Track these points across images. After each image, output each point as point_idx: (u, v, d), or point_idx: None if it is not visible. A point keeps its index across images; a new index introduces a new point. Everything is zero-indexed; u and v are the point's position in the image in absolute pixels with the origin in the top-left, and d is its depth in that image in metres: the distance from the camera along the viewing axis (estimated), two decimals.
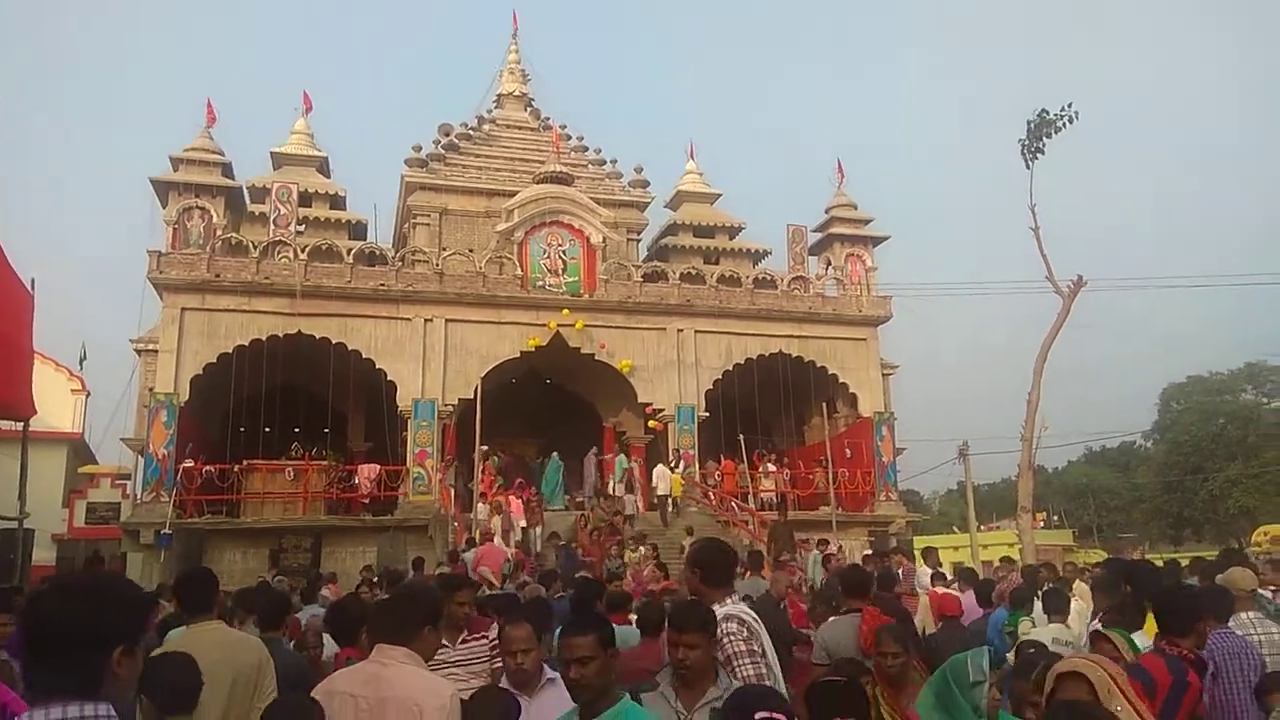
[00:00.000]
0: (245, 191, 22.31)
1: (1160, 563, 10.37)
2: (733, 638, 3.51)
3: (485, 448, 19.46)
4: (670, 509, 19.66)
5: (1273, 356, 44.62)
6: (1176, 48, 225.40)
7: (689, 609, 3.33)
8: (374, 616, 3.73)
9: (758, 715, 2.49)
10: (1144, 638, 4.91)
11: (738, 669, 3.46)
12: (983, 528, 36.54)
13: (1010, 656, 6.61)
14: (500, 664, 4.27)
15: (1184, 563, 10.82)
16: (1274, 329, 73.25)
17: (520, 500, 17.96)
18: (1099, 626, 5.27)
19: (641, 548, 14.98)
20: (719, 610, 3.55)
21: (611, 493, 20.19)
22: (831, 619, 5.58)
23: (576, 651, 2.97)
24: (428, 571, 11.93)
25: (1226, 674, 4.57)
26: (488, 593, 9.14)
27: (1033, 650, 4.42)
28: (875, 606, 5.27)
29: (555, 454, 21.28)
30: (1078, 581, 9.90)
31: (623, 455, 21.11)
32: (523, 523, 17.06)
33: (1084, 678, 2.28)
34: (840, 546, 16.76)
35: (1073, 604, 7.32)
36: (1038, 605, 7.39)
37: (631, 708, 2.99)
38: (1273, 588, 8.58)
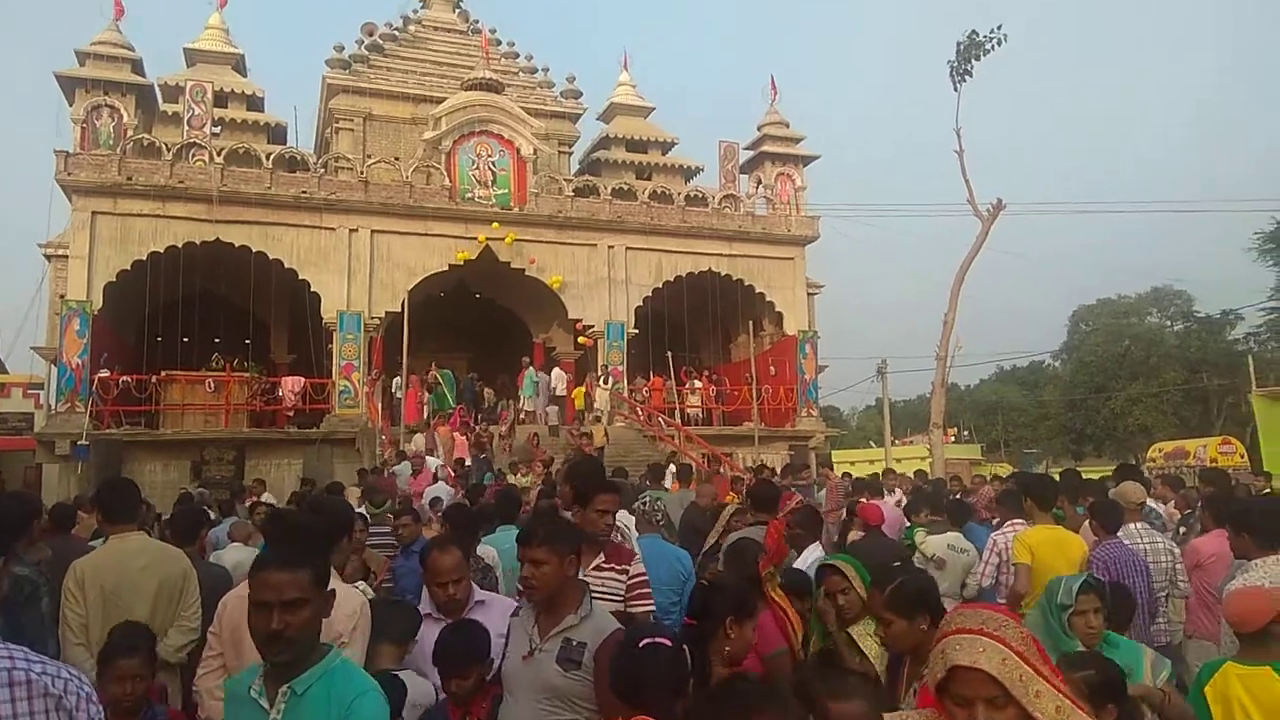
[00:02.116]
0: (157, 90, 21.21)
1: (1057, 475, 11.02)
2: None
3: (433, 368, 19.38)
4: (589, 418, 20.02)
5: (1178, 281, 46.66)
6: None
7: (535, 522, 3.09)
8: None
9: (642, 643, 2.46)
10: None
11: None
12: (897, 442, 37.96)
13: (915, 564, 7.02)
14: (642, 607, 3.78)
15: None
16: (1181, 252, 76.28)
17: (465, 438, 16.84)
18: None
19: (529, 475, 13.75)
20: None
21: (524, 407, 20.35)
22: (738, 532, 5.84)
23: (285, 593, 2.19)
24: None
25: (1116, 578, 5.05)
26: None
27: (897, 565, 4.06)
28: (781, 520, 5.52)
29: (448, 370, 21.05)
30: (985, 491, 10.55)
31: (531, 369, 20.96)
32: (467, 460, 15.50)
33: (988, 676, 1.78)
34: (759, 461, 17.25)
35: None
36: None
37: (342, 665, 2.31)
38: (1163, 500, 9.24)
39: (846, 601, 3.56)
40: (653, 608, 3.89)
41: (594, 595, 3.53)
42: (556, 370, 20.49)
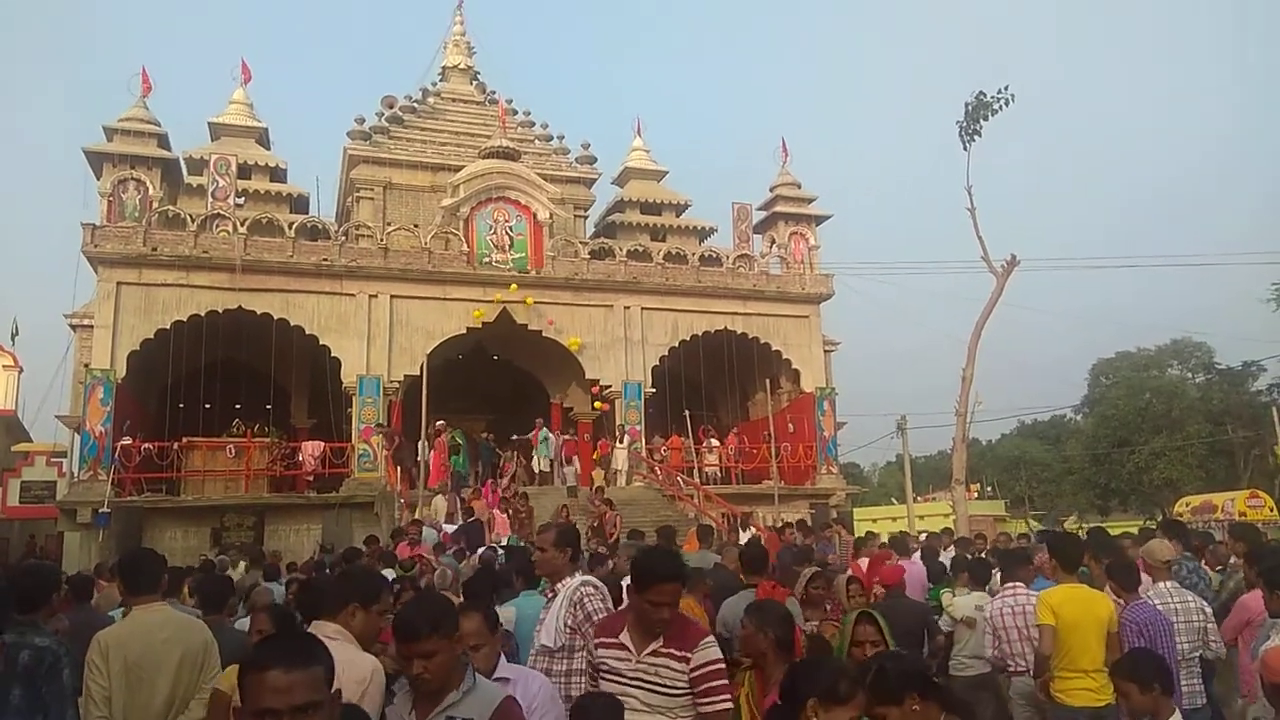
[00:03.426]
0: (182, 163, 21.77)
1: (1083, 532, 10.86)
2: (591, 598, 4.01)
3: (441, 422, 19.33)
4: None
5: (1197, 333, 46.31)
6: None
7: (414, 613, 2.70)
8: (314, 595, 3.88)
9: None
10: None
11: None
12: (920, 499, 37.55)
13: (942, 625, 6.90)
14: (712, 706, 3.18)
15: (1115, 532, 11.34)
16: (1198, 304, 75.90)
17: (505, 515, 15.67)
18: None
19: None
20: (577, 578, 4.10)
21: (539, 467, 20.34)
22: (733, 597, 5.72)
23: (295, 696, 1.82)
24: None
25: (1152, 641, 4.98)
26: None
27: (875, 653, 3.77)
28: (773, 580, 5.46)
29: (460, 430, 20.88)
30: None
31: (544, 430, 20.86)
32: (504, 539, 13.96)
33: None
34: (780, 521, 17.07)
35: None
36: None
37: None
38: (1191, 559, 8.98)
39: (877, 655, 3.45)
40: (726, 707, 3.19)
41: (646, 685, 3.16)
42: (549, 433, 20.59)
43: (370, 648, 3.31)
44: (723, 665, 3.22)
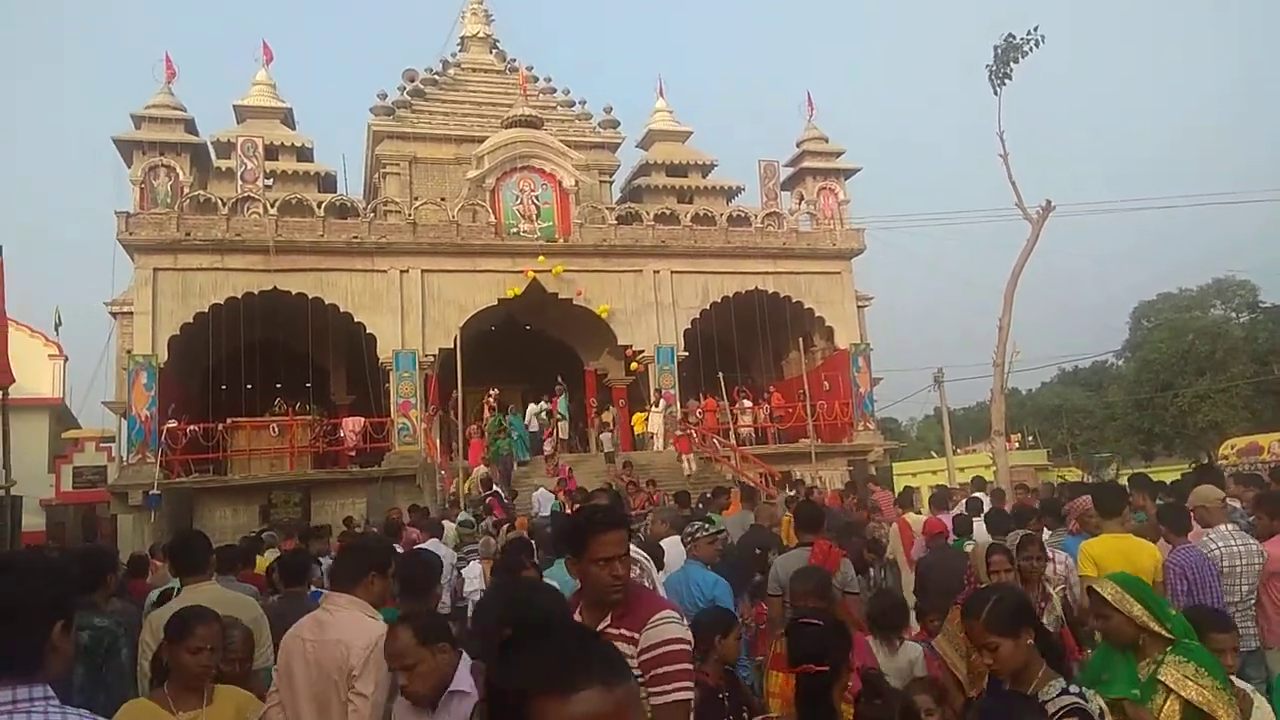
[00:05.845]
0: (210, 147, 21.95)
1: (1125, 479, 10.73)
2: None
3: (496, 391, 19.31)
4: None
5: (1240, 272, 45.20)
6: None
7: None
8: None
9: None
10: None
11: None
12: (959, 451, 37.26)
13: None
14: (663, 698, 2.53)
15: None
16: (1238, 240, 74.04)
17: None
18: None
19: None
20: None
21: (560, 436, 20.55)
22: (786, 553, 5.83)
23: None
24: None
25: (1199, 584, 4.89)
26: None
27: (984, 586, 3.93)
28: (827, 540, 5.49)
29: (516, 411, 21.05)
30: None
31: (563, 398, 20.88)
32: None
33: None
34: (819, 479, 17.07)
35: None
36: (979, 528, 7.59)
37: None
38: (1239, 500, 8.74)
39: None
40: (681, 697, 2.51)
41: None
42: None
43: (379, 609, 3.37)
44: (681, 646, 2.58)
